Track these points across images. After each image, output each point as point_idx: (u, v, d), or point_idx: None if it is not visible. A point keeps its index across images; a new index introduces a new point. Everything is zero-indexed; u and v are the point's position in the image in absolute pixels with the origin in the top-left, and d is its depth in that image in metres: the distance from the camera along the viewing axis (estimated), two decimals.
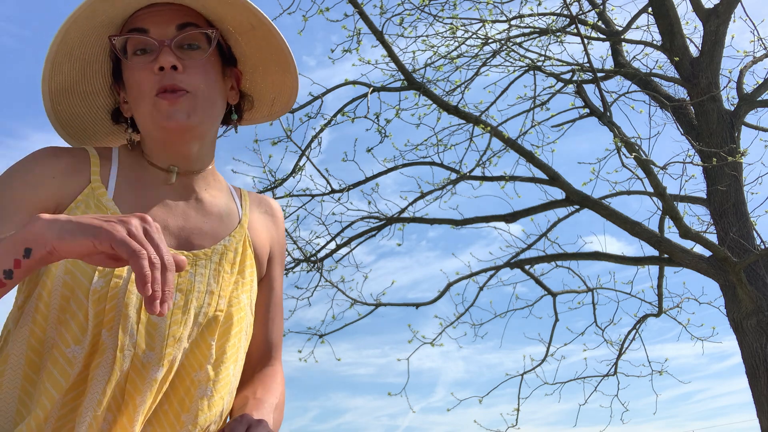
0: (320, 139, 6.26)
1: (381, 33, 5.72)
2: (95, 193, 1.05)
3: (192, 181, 1.15)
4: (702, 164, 5.87)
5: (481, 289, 7.04)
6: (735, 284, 5.51)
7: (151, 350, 0.98)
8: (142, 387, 0.96)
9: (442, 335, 7.05)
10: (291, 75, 1.21)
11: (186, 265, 0.85)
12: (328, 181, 6.29)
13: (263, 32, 1.15)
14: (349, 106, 6.31)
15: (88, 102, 1.18)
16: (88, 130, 1.21)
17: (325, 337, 6.80)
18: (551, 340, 7.15)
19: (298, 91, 1.25)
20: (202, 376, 1.02)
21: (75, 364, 0.94)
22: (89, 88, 1.16)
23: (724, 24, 6.19)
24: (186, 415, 1.00)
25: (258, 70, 1.23)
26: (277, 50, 1.18)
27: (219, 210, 1.16)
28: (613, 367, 7.11)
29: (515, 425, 6.95)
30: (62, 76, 1.11)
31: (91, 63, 1.14)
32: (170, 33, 1.08)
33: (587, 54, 5.44)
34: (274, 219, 1.26)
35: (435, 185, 6.51)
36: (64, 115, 1.16)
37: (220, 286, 1.07)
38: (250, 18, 1.13)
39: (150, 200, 1.09)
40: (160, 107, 1.05)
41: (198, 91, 1.07)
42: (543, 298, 7.18)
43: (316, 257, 6.54)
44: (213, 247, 1.10)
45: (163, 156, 1.12)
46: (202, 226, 1.12)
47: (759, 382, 5.48)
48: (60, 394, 0.93)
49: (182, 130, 1.07)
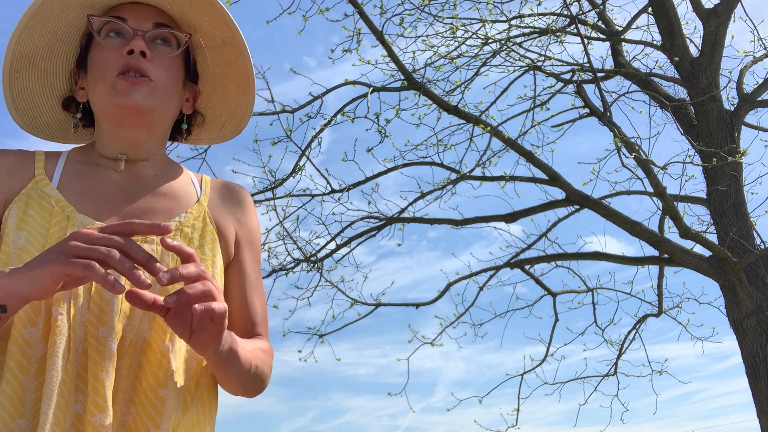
0: (320, 139, 6.26)
1: (381, 33, 5.72)
2: (39, 185, 1.09)
3: (141, 168, 1.16)
4: (702, 164, 5.86)
5: (481, 289, 7.05)
6: (735, 284, 5.51)
7: (104, 325, 0.97)
8: (102, 362, 0.95)
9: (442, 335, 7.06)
10: (248, 97, 1.26)
11: (161, 230, 0.89)
12: (328, 181, 6.29)
13: (233, 50, 1.21)
14: (349, 106, 6.32)
15: (45, 81, 1.20)
16: (36, 109, 1.22)
17: (325, 337, 6.81)
18: (551, 340, 7.15)
19: (251, 115, 1.30)
20: (170, 347, 1.01)
21: (33, 345, 0.96)
22: (50, 66, 1.18)
23: (724, 24, 6.19)
24: (163, 390, 0.99)
25: (216, 91, 1.28)
26: (242, 71, 1.23)
27: (174, 191, 1.17)
28: (613, 367, 7.11)
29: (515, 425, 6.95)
30: (31, 43, 1.14)
31: (60, 40, 1.17)
32: (146, 27, 1.13)
33: (587, 54, 5.44)
34: (239, 202, 1.24)
35: (435, 185, 6.52)
36: (19, 88, 1.18)
37: (175, 261, 1.06)
38: (224, 32, 1.19)
39: (96, 185, 1.11)
40: (118, 87, 1.08)
41: (159, 81, 1.11)
42: (543, 298, 7.19)
43: (316, 257, 6.54)
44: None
45: (113, 142, 1.14)
46: (153, 206, 1.12)
47: (759, 382, 5.48)
48: (26, 376, 0.94)
49: (136, 110, 1.09)
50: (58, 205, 1.06)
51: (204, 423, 1.07)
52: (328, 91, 6.23)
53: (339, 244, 6.61)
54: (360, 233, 6.64)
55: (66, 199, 1.07)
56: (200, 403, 1.07)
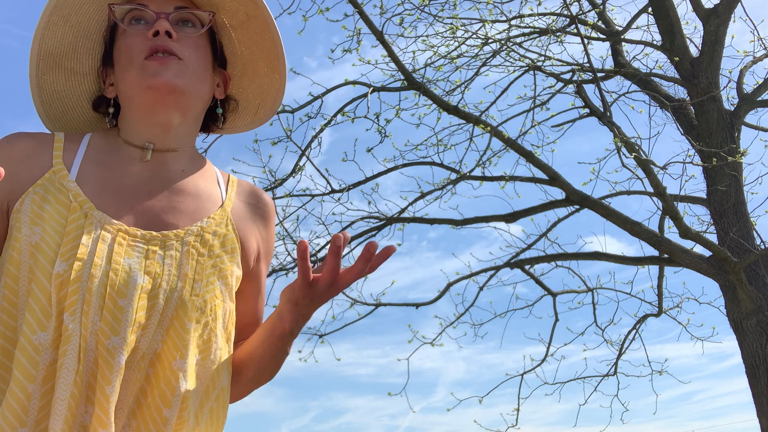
0: (320, 139, 6.26)
1: (381, 33, 5.72)
2: (57, 176, 1.03)
3: (168, 159, 1.11)
4: (702, 164, 5.86)
5: (481, 289, 7.05)
6: (735, 284, 5.51)
7: (116, 335, 0.93)
8: (110, 375, 0.91)
9: (442, 335, 7.06)
10: (280, 74, 1.21)
11: None
12: (328, 181, 6.29)
13: (258, 24, 1.17)
14: (349, 106, 6.32)
15: (73, 82, 1.16)
16: (66, 114, 1.18)
17: (325, 337, 6.81)
18: (551, 340, 7.15)
19: (284, 93, 1.25)
20: (181, 365, 0.98)
21: (42, 352, 0.92)
22: (77, 66, 1.14)
23: (724, 24, 6.19)
24: (168, 410, 0.96)
25: (246, 72, 1.23)
26: (270, 45, 1.18)
27: (198, 190, 1.11)
28: (613, 367, 7.10)
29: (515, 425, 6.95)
30: (55, 41, 1.11)
31: (84, 37, 1.13)
32: (168, 9, 1.10)
33: (587, 54, 5.44)
34: (264, 216, 1.20)
35: (435, 185, 6.52)
36: (47, 91, 1.14)
37: (194, 270, 1.02)
38: (248, 6, 1.15)
39: (117, 178, 1.06)
40: (147, 68, 1.05)
41: (189, 60, 1.08)
42: (543, 298, 7.19)
43: (316, 257, 6.54)
44: (187, 228, 1.05)
45: (141, 128, 1.10)
46: (176, 206, 1.07)
47: (759, 382, 5.48)
48: (32, 383, 0.91)
49: (168, 88, 1.05)
50: (76, 200, 1.01)
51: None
52: (328, 91, 6.23)
53: None
54: (360, 233, 6.64)
55: (85, 194, 1.02)
56: (210, 416, 1.05)
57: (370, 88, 6.22)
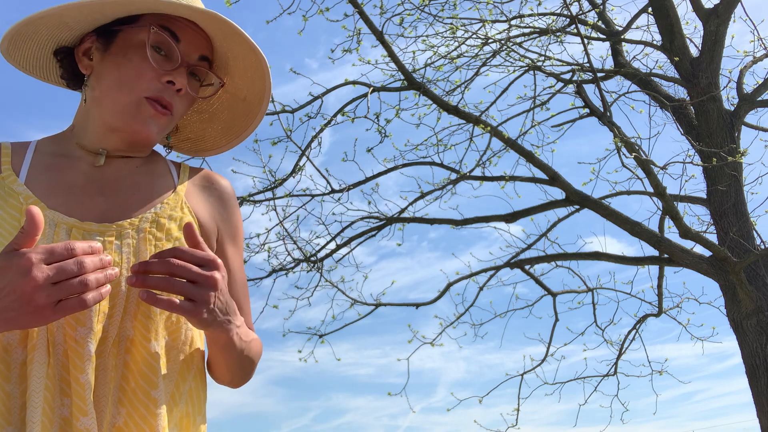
0: (320, 139, 6.26)
1: (381, 33, 5.72)
2: (6, 182, 1.04)
3: (120, 162, 1.13)
4: (702, 164, 5.86)
5: (481, 289, 7.05)
6: (735, 284, 5.51)
7: (82, 325, 0.95)
8: (82, 364, 0.93)
9: (442, 335, 7.06)
10: (226, 143, 1.27)
11: (100, 251, 0.91)
12: (328, 181, 6.28)
13: (247, 107, 1.21)
14: (349, 106, 6.31)
15: (51, 27, 1.10)
16: (25, 45, 1.12)
17: (325, 337, 6.80)
18: (551, 340, 7.15)
19: (220, 151, 1.29)
20: (157, 346, 0.99)
21: (12, 351, 0.94)
22: (71, 20, 1.08)
23: (724, 24, 6.19)
24: (155, 391, 0.97)
25: (202, 115, 1.28)
26: (236, 124, 1.24)
27: (150, 182, 1.12)
28: (613, 367, 7.10)
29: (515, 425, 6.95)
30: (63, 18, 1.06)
31: (93, 9, 1.06)
32: (193, 58, 1.11)
33: (587, 54, 5.43)
34: (221, 196, 1.19)
35: (435, 185, 6.52)
36: (21, 25, 1.08)
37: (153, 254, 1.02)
38: (251, 95, 1.20)
39: (67, 178, 1.07)
40: (143, 111, 1.06)
41: (176, 116, 1.12)
42: (543, 298, 7.19)
43: (316, 257, 6.54)
44: (141, 216, 1.06)
45: (101, 139, 1.10)
46: (127, 199, 1.08)
47: (759, 382, 5.48)
48: (8, 383, 0.93)
49: (145, 140, 1.09)
50: (27, 201, 1.01)
51: (194, 414, 1.06)
52: (328, 91, 6.22)
53: (339, 244, 6.61)
54: (360, 233, 6.64)
55: (35, 195, 1.03)
56: (188, 396, 1.06)
57: (370, 88, 6.22)
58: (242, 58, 1.14)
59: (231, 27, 1.07)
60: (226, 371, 1.12)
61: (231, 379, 1.15)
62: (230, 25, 1.06)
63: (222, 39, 1.13)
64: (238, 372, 1.14)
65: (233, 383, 1.17)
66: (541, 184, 6.23)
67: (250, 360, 1.13)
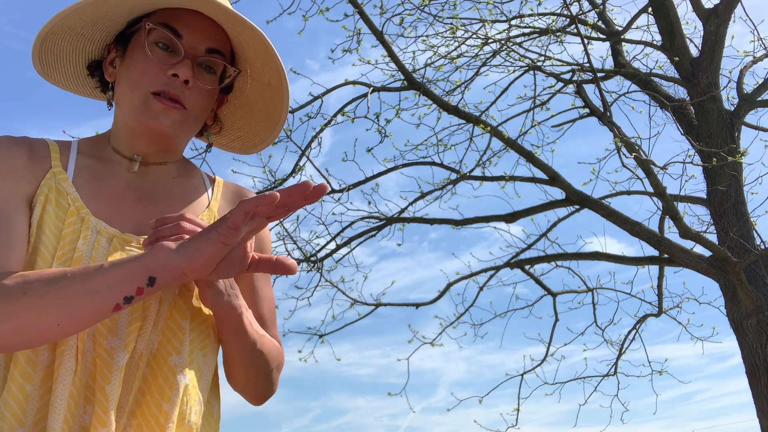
0: (320, 139, 6.26)
1: (381, 33, 5.72)
2: (57, 177, 1.05)
3: (156, 170, 1.14)
4: (702, 164, 5.86)
5: (481, 289, 7.05)
6: (735, 284, 5.51)
7: (113, 336, 0.95)
8: (110, 375, 0.93)
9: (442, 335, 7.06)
10: (271, 133, 1.24)
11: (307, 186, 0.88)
12: (328, 181, 6.28)
13: (274, 94, 1.18)
14: (349, 106, 6.32)
15: (77, 44, 1.14)
16: (59, 65, 1.16)
17: (325, 337, 6.80)
18: (551, 340, 7.15)
19: (266, 146, 1.27)
20: (178, 360, 0.99)
21: (40, 353, 0.93)
22: (89, 34, 1.12)
23: (724, 24, 6.19)
24: (167, 404, 0.96)
25: (243, 109, 1.25)
26: (274, 114, 1.20)
27: (186, 195, 1.14)
28: (613, 367, 7.11)
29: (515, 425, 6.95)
30: (78, 21, 1.08)
31: (105, 17, 1.10)
32: (199, 50, 1.09)
33: (587, 54, 5.43)
34: None
35: (435, 185, 6.52)
36: (48, 45, 1.12)
37: None
38: (272, 75, 1.15)
39: (109, 186, 1.08)
40: (151, 106, 1.06)
41: (193, 110, 1.09)
42: (543, 298, 7.19)
43: (316, 257, 6.54)
44: None
45: (130, 142, 1.11)
46: (164, 211, 1.09)
47: (759, 382, 5.48)
48: (30, 384, 0.92)
49: (160, 135, 1.08)
50: (74, 204, 1.03)
51: (207, 428, 1.06)
52: (328, 91, 6.23)
53: (339, 244, 6.61)
54: (360, 233, 6.64)
55: (81, 199, 1.04)
56: (208, 413, 1.06)
57: (370, 88, 6.22)
58: (249, 40, 1.12)
59: (223, 9, 1.04)
60: (241, 369, 1.10)
61: (246, 381, 1.12)
62: (223, 8, 1.04)
63: (227, 25, 1.11)
64: (253, 372, 1.11)
65: (250, 388, 1.14)
66: (541, 184, 6.23)
67: (264, 358, 1.11)
